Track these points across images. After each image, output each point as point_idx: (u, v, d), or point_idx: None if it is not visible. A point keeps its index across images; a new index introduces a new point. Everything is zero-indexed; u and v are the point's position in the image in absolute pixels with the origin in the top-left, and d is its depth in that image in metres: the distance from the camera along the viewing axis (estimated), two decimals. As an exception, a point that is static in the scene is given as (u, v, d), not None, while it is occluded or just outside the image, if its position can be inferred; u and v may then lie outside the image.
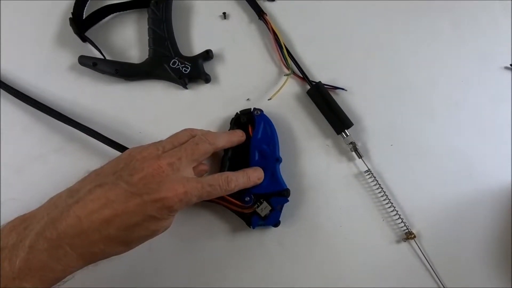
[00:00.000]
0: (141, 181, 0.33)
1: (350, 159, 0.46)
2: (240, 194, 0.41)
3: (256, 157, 0.43)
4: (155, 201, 0.33)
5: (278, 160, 0.43)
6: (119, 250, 0.34)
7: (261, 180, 0.42)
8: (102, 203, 0.32)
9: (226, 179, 0.38)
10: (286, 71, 0.49)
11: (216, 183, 0.37)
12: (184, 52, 0.49)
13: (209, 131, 0.42)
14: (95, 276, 0.42)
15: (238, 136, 0.43)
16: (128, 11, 0.52)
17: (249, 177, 0.41)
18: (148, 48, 0.49)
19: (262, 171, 0.42)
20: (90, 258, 0.33)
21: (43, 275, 0.30)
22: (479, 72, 0.50)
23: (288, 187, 0.42)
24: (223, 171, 0.43)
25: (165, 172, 0.34)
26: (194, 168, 0.38)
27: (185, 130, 0.40)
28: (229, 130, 0.45)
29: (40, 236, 0.31)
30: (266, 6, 0.52)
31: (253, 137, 0.44)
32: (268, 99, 0.46)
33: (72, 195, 0.33)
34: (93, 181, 0.34)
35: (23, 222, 0.32)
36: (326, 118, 0.46)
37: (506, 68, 0.50)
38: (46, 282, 0.31)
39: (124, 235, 0.33)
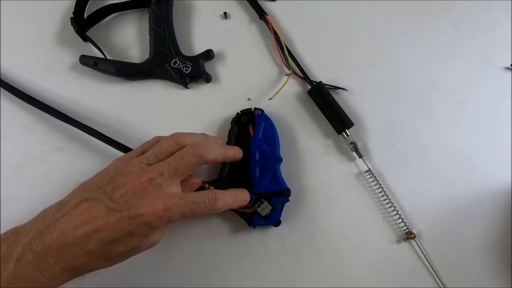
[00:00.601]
0: (122, 197, 0.34)
1: (351, 159, 0.46)
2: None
3: (257, 157, 0.43)
4: (134, 217, 0.33)
5: (279, 160, 0.43)
6: (102, 265, 0.34)
7: (247, 202, 0.41)
8: (84, 218, 0.33)
9: (213, 198, 0.37)
10: (287, 71, 0.49)
11: (202, 201, 0.36)
12: (185, 51, 0.49)
13: (201, 140, 0.39)
14: (95, 274, 0.42)
15: (234, 152, 0.42)
16: (129, 10, 0.52)
17: (237, 198, 0.40)
18: (149, 47, 0.49)
19: (248, 193, 0.41)
20: (74, 271, 0.33)
21: (28, 287, 0.31)
22: (479, 72, 0.50)
23: (288, 187, 0.43)
24: (223, 173, 0.43)
25: (145, 188, 0.34)
26: (182, 181, 0.37)
27: (171, 138, 0.38)
28: (229, 129, 0.45)
29: (26, 248, 0.32)
30: (267, 6, 0.52)
31: (253, 137, 0.44)
32: (269, 99, 0.47)
33: (60, 209, 0.34)
34: (80, 195, 0.35)
35: (14, 234, 0.34)
36: (326, 118, 0.46)
37: (507, 68, 0.50)
38: None
39: (105, 250, 0.33)
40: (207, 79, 0.48)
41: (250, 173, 0.42)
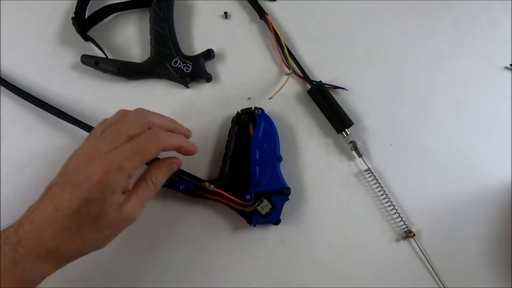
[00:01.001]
0: (73, 171, 0.34)
1: (350, 158, 0.46)
2: (241, 192, 0.42)
3: (257, 156, 0.43)
4: (81, 182, 0.32)
5: (279, 158, 0.44)
6: (76, 246, 0.33)
7: (191, 148, 0.40)
8: (47, 202, 0.33)
9: (154, 132, 0.36)
10: (287, 71, 0.49)
11: (142, 138, 0.35)
12: (186, 51, 0.49)
13: (166, 124, 0.39)
14: (96, 273, 0.42)
15: (193, 147, 0.41)
16: (130, 10, 0.52)
17: (181, 137, 0.39)
18: (149, 47, 0.49)
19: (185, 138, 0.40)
20: (50, 259, 0.33)
21: (4, 280, 0.32)
22: (479, 72, 0.50)
23: (288, 185, 0.43)
24: (224, 172, 0.43)
25: (89, 155, 0.34)
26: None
27: (137, 118, 0.37)
28: (230, 128, 0.45)
29: (5, 242, 0.32)
30: (267, 6, 0.52)
31: (254, 136, 0.44)
32: (269, 98, 0.47)
33: (34, 204, 0.35)
34: (46, 188, 0.35)
35: (5, 231, 0.34)
36: (326, 117, 0.47)
37: (507, 68, 0.50)
38: (7, 285, 0.32)
39: (71, 226, 0.32)
40: (208, 78, 0.48)
41: (250, 172, 0.43)
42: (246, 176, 0.43)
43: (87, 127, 0.45)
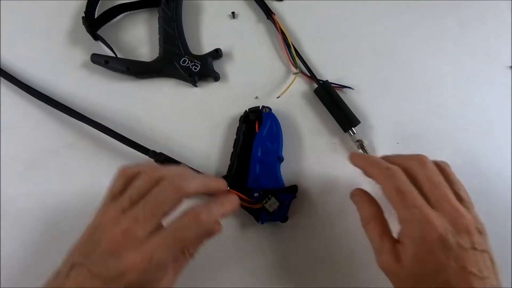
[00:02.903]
0: (102, 258, 0.30)
1: (357, 156, 0.46)
2: (249, 190, 0.42)
3: (259, 153, 0.44)
4: (117, 278, 0.29)
5: (280, 159, 0.44)
6: None
7: (237, 206, 0.36)
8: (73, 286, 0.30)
9: (194, 214, 0.32)
10: (294, 70, 0.49)
11: (182, 224, 0.31)
12: (194, 50, 0.50)
13: (177, 173, 0.34)
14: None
15: (218, 183, 0.37)
16: (139, 10, 0.53)
17: (224, 204, 0.35)
18: (158, 46, 0.49)
19: (236, 198, 0.37)
20: None
21: None
22: (484, 71, 0.50)
23: (295, 183, 0.43)
24: (232, 167, 0.44)
25: (120, 242, 0.30)
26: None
27: (145, 174, 0.33)
28: (237, 127, 0.46)
29: None
30: (274, 6, 0.52)
31: (258, 133, 0.44)
32: (277, 97, 0.47)
33: (55, 280, 0.31)
34: (69, 261, 0.31)
35: None
36: (333, 116, 0.47)
37: (510, 67, 0.50)
38: None
39: None
40: (216, 77, 0.49)
41: (250, 168, 0.43)
42: (246, 172, 0.43)
43: (97, 125, 0.45)
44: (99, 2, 0.52)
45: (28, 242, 0.44)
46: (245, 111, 0.46)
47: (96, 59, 0.49)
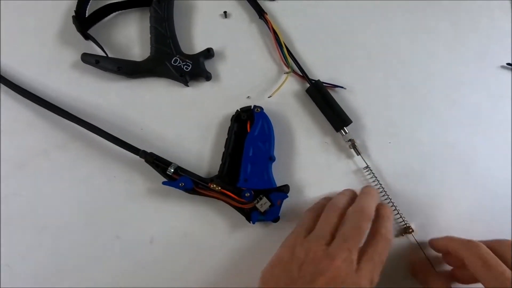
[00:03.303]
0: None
1: (349, 156, 0.46)
2: (240, 190, 0.42)
3: (250, 153, 0.44)
4: None
5: (271, 158, 0.44)
6: None
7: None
8: None
9: (386, 238, 0.37)
10: (286, 70, 0.49)
11: (381, 249, 0.36)
12: (186, 50, 0.49)
13: (364, 203, 0.39)
14: (93, 269, 0.43)
15: (378, 195, 0.43)
16: (130, 9, 0.52)
17: (390, 218, 0.40)
18: (150, 46, 0.49)
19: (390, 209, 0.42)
20: None
21: None
22: (477, 70, 0.50)
23: (287, 183, 0.43)
24: (224, 167, 0.44)
25: (344, 271, 0.34)
26: None
27: (331, 206, 0.39)
28: (229, 127, 0.46)
29: None
30: (267, 6, 0.52)
31: (249, 133, 0.44)
32: (268, 97, 0.47)
33: None
34: None
35: None
36: (325, 115, 0.47)
37: (503, 67, 0.50)
38: None
39: None
40: (207, 77, 0.49)
41: (241, 168, 0.43)
42: (237, 172, 0.43)
43: (88, 125, 0.45)
44: (90, 1, 0.52)
45: (17, 243, 0.44)
46: (237, 110, 0.46)
47: (87, 58, 0.48)
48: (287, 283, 0.35)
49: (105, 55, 0.49)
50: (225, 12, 0.52)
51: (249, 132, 0.45)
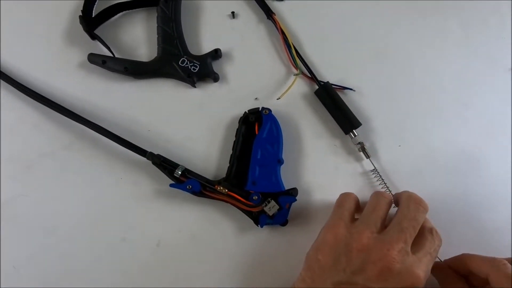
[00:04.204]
0: (380, 278, 0.33)
1: (358, 159, 0.46)
2: (248, 193, 0.42)
3: (258, 156, 0.43)
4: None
5: (280, 161, 0.43)
6: None
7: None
8: None
9: (439, 237, 0.37)
10: (295, 71, 0.49)
11: (433, 242, 0.36)
12: (193, 51, 0.49)
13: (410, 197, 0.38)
14: (99, 271, 0.43)
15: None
16: (137, 9, 0.52)
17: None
18: (157, 46, 0.49)
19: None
20: None
21: None
22: (486, 73, 0.50)
23: (295, 186, 0.43)
24: (231, 169, 0.43)
25: (399, 262, 0.33)
26: None
27: (380, 194, 0.39)
28: (237, 129, 0.45)
29: None
30: (275, 6, 0.52)
31: (258, 136, 0.44)
32: (277, 99, 0.47)
33: None
34: (324, 279, 0.34)
35: None
36: (334, 118, 0.46)
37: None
38: None
39: None
40: (215, 78, 0.48)
41: (249, 171, 0.43)
42: (245, 174, 0.43)
43: (95, 126, 0.45)
44: (97, 1, 0.51)
45: (23, 244, 0.43)
46: (245, 112, 0.45)
47: (94, 59, 0.48)
48: (334, 268, 0.34)
49: (112, 55, 0.48)
50: (232, 12, 0.51)
51: (257, 134, 0.44)
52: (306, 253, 0.37)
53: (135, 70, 0.48)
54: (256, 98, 0.48)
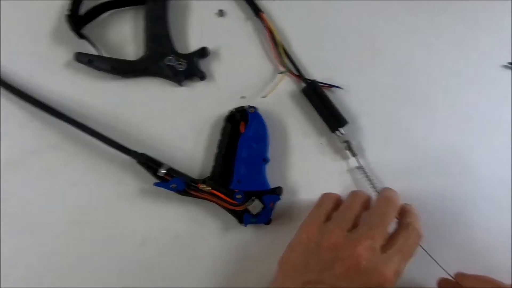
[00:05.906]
0: (347, 275, 0.32)
1: (345, 157, 0.46)
2: (232, 191, 0.41)
3: (244, 154, 0.43)
4: None
5: (266, 160, 0.43)
6: None
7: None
8: None
9: (418, 232, 0.36)
10: (282, 69, 0.48)
11: (412, 242, 0.35)
12: (180, 49, 0.49)
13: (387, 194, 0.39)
14: (83, 269, 0.43)
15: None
16: (125, 8, 0.52)
17: (415, 213, 0.39)
18: (144, 45, 0.49)
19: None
20: None
21: None
22: (478, 70, 0.49)
23: (280, 185, 0.43)
24: (216, 168, 0.43)
25: (365, 259, 0.33)
26: None
27: (355, 194, 0.39)
28: (222, 127, 0.45)
29: None
30: (263, 4, 0.51)
31: (243, 134, 0.44)
32: (263, 97, 0.46)
33: None
34: (294, 278, 0.34)
35: None
36: (320, 116, 0.46)
37: (505, 66, 0.49)
38: None
39: None
40: (202, 76, 0.48)
41: (234, 169, 0.42)
42: (230, 173, 0.43)
43: (81, 126, 0.45)
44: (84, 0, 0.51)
45: (8, 243, 0.43)
46: (230, 110, 0.45)
47: (80, 58, 0.47)
48: (304, 267, 0.34)
49: (98, 54, 0.48)
50: (220, 10, 0.51)
51: (242, 132, 0.44)
52: (282, 253, 0.37)
53: (122, 69, 0.48)
54: (242, 97, 0.48)
